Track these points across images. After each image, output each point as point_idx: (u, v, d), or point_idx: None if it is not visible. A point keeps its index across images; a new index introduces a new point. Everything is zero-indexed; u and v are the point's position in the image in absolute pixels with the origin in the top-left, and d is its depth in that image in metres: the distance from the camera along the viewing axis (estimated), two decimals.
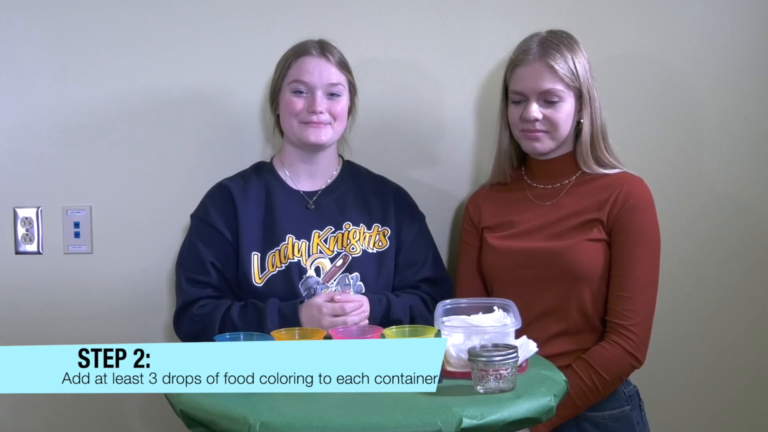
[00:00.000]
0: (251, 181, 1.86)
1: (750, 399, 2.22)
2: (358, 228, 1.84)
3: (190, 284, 1.79)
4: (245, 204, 1.82)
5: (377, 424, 1.22)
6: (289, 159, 1.88)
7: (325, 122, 1.79)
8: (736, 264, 2.18)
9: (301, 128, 1.80)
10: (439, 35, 2.08)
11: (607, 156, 1.79)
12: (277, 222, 1.81)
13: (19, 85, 2.02)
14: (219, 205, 1.83)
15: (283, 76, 1.82)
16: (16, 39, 2.01)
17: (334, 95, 1.81)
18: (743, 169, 2.16)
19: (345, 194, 1.88)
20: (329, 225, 1.83)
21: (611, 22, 2.10)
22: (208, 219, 1.82)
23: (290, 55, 1.83)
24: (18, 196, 2.05)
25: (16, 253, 2.06)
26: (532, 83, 1.75)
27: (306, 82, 1.79)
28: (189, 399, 1.34)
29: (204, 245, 1.80)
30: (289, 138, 1.86)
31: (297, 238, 1.80)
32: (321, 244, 1.81)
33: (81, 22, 2.01)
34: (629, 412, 1.77)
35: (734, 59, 2.13)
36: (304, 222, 1.82)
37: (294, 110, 1.79)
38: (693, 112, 2.14)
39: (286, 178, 1.88)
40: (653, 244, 1.74)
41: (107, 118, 2.03)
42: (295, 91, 1.80)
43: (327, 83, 1.79)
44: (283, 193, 1.85)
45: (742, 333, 2.20)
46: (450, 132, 2.11)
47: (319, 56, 1.80)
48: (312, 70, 1.79)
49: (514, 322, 1.49)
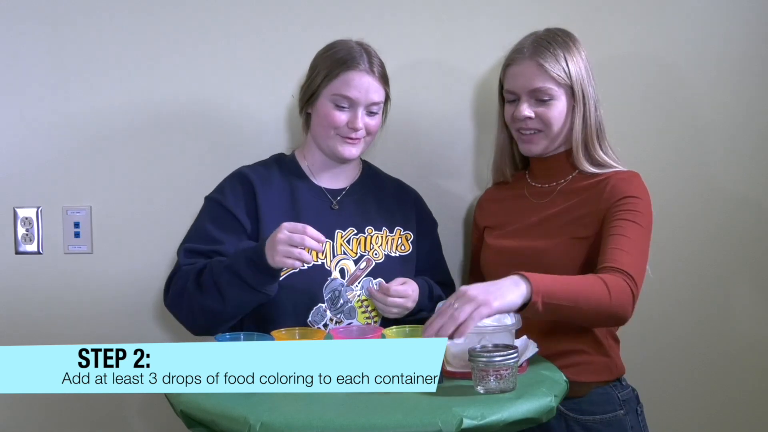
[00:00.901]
0: (273, 172, 1.83)
1: (751, 399, 2.21)
2: (380, 232, 1.84)
3: (189, 254, 1.73)
4: (267, 194, 1.78)
5: (377, 424, 1.22)
6: (313, 158, 1.86)
7: (361, 137, 1.79)
8: (736, 264, 2.18)
9: (337, 141, 1.78)
10: (440, 36, 2.09)
11: (602, 155, 1.77)
12: (301, 217, 1.76)
13: (19, 85, 2.02)
14: (239, 191, 1.78)
15: (326, 83, 1.77)
16: (16, 39, 2.01)
17: (373, 113, 1.79)
18: (743, 167, 2.16)
19: (366, 197, 1.87)
20: (351, 226, 1.81)
21: (610, 22, 2.10)
22: (224, 202, 1.77)
23: (336, 63, 1.77)
24: (18, 196, 2.05)
25: (16, 253, 2.06)
26: (522, 82, 1.75)
27: (351, 99, 1.75)
28: (189, 399, 1.34)
29: (215, 226, 1.75)
30: (319, 144, 1.83)
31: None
32: (344, 245, 1.79)
33: (81, 23, 2.02)
34: (622, 416, 1.75)
35: (734, 59, 2.13)
36: (327, 221, 1.79)
37: (334, 124, 1.76)
38: (693, 111, 2.14)
39: (310, 174, 1.85)
40: (645, 220, 1.69)
41: (107, 119, 2.03)
42: (338, 105, 1.76)
43: (370, 102, 1.77)
44: (307, 188, 1.83)
45: (743, 333, 2.20)
46: (451, 132, 2.11)
47: (368, 72, 1.76)
48: (359, 86, 1.75)
49: (514, 322, 1.49)
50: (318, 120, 1.80)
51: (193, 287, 1.66)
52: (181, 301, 1.69)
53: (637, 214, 1.68)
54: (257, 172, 1.82)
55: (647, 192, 1.74)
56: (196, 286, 1.66)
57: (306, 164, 1.86)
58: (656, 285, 1.72)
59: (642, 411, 1.80)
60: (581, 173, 1.80)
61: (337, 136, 1.78)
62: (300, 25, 2.05)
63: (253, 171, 1.82)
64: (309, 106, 1.82)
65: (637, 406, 1.80)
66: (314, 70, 1.81)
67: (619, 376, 1.79)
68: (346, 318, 1.76)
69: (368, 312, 1.78)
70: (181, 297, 1.69)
